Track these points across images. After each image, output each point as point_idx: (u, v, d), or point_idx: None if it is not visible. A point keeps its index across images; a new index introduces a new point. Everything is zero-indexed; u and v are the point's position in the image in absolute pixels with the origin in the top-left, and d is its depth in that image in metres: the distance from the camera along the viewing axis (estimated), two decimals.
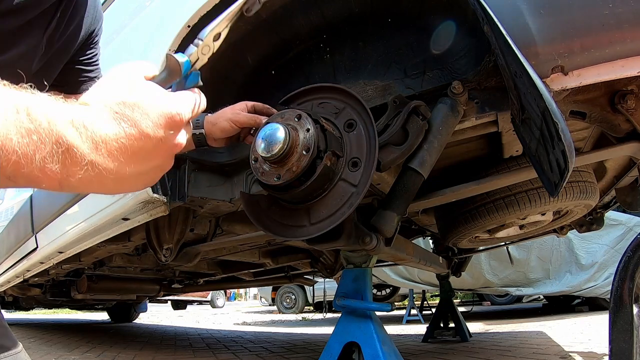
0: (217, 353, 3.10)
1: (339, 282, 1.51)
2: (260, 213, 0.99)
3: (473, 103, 1.02)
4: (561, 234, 2.32)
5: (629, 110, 1.05)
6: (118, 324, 6.52)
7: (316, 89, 1.00)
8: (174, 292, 4.16)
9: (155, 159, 0.47)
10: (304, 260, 2.90)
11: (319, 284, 5.19)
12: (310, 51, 1.24)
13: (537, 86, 0.70)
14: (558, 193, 0.88)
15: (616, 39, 0.75)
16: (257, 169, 0.92)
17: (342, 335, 1.30)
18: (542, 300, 6.82)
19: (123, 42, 1.50)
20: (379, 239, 1.05)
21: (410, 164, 0.99)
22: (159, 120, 0.46)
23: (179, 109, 0.48)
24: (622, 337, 0.75)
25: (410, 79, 1.11)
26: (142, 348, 3.41)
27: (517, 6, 0.79)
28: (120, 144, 0.42)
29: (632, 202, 1.90)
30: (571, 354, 2.38)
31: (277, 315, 9.31)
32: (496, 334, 3.68)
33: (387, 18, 1.14)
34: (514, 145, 1.33)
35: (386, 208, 1.02)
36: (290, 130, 0.87)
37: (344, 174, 0.90)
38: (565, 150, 0.72)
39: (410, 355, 2.62)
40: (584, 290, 4.84)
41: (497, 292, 5.64)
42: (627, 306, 0.75)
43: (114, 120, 0.43)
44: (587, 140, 1.44)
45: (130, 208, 1.29)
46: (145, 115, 0.45)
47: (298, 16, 1.17)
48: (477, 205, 1.64)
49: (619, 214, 4.67)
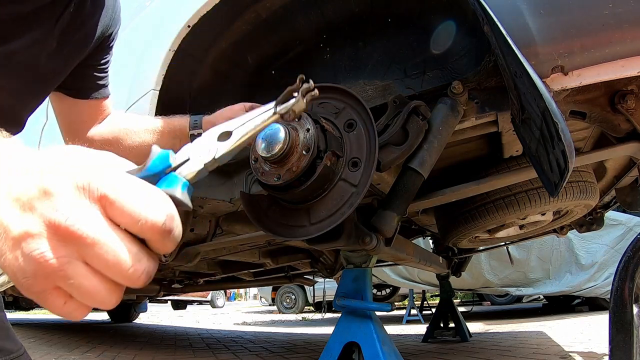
0: (217, 353, 3.10)
1: (339, 282, 1.51)
2: (260, 213, 0.99)
3: (473, 103, 1.02)
4: (561, 234, 2.32)
5: (629, 110, 1.05)
6: (118, 324, 6.52)
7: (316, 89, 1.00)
8: (174, 292, 4.15)
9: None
10: (304, 260, 2.89)
11: (319, 284, 5.18)
12: (310, 51, 1.24)
13: (537, 86, 0.70)
14: (558, 193, 0.88)
15: (616, 39, 0.75)
16: (257, 169, 0.92)
17: (342, 335, 1.30)
18: (542, 300, 6.82)
19: (123, 43, 1.49)
20: (379, 239, 1.05)
21: (410, 164, 0.99)
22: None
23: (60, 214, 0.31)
24: (622, 337, 0.75)
25: (410, 79, 1.11)
26: (142, 348, 3.41)
27: (517, 6, 0.79)
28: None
29: (632, 202, 1.90)
30: (571, 354, 2.38)
31: (277, 315, 9.31)
32: (496, 334, 3.68)
33: (387, 18, 1.14)
34: (514, 145, 1.33)
35: (386, 208, 1.02)
36: (290, 130, 0.87)
37: (344, 174, 0.90)
38: (565, 150, 0.72)
39: (410, 355, 2.62)
40: (584, 290, 4.84)
41: (497, 292, 5.64)
42: (627, 306, 0.75)
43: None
44: (587, 140, 1.44)
45: None
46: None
47: (298, 16, 1.17)
48: (477, 205, 1.64)
49: (619, 214, 4.66)
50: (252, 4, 1.12)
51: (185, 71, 1.22)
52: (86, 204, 0.31)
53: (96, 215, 0.31)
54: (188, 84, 1.26)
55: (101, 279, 0.31)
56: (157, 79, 1.17)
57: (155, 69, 1.17)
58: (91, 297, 0.31)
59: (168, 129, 0.96)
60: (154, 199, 0.33)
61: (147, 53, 1.27)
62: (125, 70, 1.33)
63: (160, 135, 0.95)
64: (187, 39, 1.14)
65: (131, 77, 1.31)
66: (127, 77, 1.32)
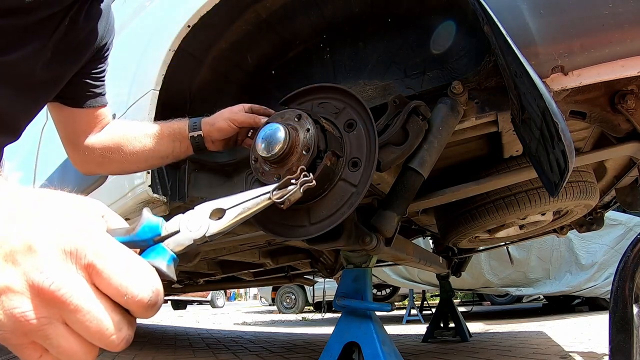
0: (217, 353, 3.10)
1: (339, 282, 1.51)
2: (260, 213, 0.99)
3: (473, 103, 1.02)
4: (561, 234, 2.32)
5: (629, 110, 1.05)
6: None
7: (316, 89, 1.00)
8: (174, 292, 4.16)
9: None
10: (304, 260, 2.90)
11: (319, 284, 5.18)
12: (310, 51, 1.24)
13: (537, 86, 0.70)
14: (558, 193, 0.88)
15: (616, 39, 0.75)
16: (257, 169, 0.92)
17: (342, 335, 1.30)
18: (542, 300, 6.82)
19: (123, 43, 1.49)
20: (379, 239, 1.05)
21: (410, 164, 0.99)
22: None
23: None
24: (622, 337, 0.75)
25: (410, 79, 1.11)
26: (142, 348, 3.41)
27: (517, 6, 0.79)
28: None
29: (632, 202, 1.90)
30: (571, 354, 2.38)
31: (277, 315, 9.31)
32: (496, 334, 3.68)
33: (387, 18, 1.14)
34: (514, 145, 1.33)
35: (386, 208, 1.02)
36: (290, 130, 0.87)
37: (344, 174, 0.90)
38: (565, 150, 0.72)
39: (410, 355, 2.62)
40: (584, 290, 4.84)
41: (497, 292, 5.64)
42: (627, 306, 0.75)
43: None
44: (587, 140, 1.44)
45: (130, 208, 1.29)
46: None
47: (298, 16, 1.17)
48: (477, 205, 1.64)
49: (619, 214, 4.67)
50: (252, 4, 1.12)
51: (185, 71, 1.22)
52: (72, 269, 0.31)
53: (81, 283, 0.31)
54: (188, 84, 1.26)
55: (80, 340, 0.31)
56: (157, 79, 1.17)
57: (155, 69, 1.17)
58: (68, 356, 0.31)
59: (167, 133, 0.97)
60: (141, 274, 0.33)
61: (147, 53, 1.27)
62: (126, 70, 1.33)
63: (160, 139, 0.96)
64: (187, 39, 1.14)
65: (131, 77, 1.31)
66: (127, 77, 1.32)
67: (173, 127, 0.98)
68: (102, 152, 0.95)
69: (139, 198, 1.23)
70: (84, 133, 0.94)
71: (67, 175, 1.68)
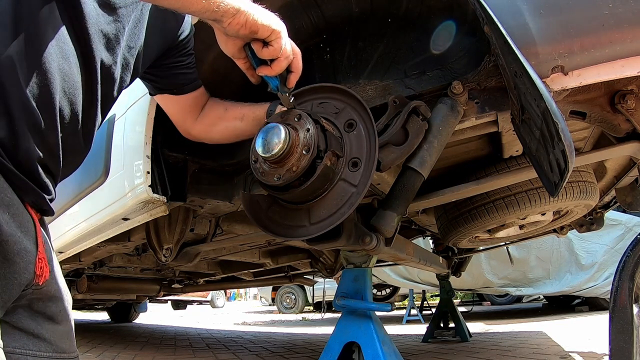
0: (217, 353, 3.10)
1: (339, 282, 1.51)
2: (260, 213, 0.99)
3: (473, 103, 1.02)
4: (561, 234, 2.32)
5: (629, 110, 1.05)
6: (118, 324, 6.52)
7: (316, 89, 1.00)
8: (174, 292, 4.16)
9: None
10: (304, 260, 2.90)
11: (318, 284, 5.19)
12: (310, 51, 1.24)
13: (537, 86, 0.70)
14: (558, 193, 0.88)
15: (616, 39, 0.75)
16: (257, 169, 0.92)
17: (342, 335, 1.31)
18: (542, 300, 6.82)
19: None
20: (379, 239, 1.05)
21: (410, 164, 0.99)
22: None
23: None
24: (622, 337, 0.75)
25: (410, 79, 1.11)
26: (142, 348, 3.42)
27: (517, 6, 0.79)
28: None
29: (632, 202, 1.90)
30: (571, 354, 2.38)
31: (277, 315, 9.31)
32: (496, 334, 3.68)
33: (387, 18, 1.14)
34: (514, 145, 1.33)
35: (386, 208, 1.02)
36: (291, 130, 0.87)
37: (344, 174, 0.90)
38: (565, 150, 0.72)
39: (410, 355, 2.62)
40: (584, 290, 4.84)
41: (497, 292, 5.64)
42: (627, 306, 0.75)
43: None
44: (587, 140, 1.45)
45: (130, 208, 1.29)
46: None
47: (298, 16, 1.17)
48: (477, 205, 1.64)
49: (619, 214, 4.67)
50: None
51: None
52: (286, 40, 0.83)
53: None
54: None
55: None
56: None
57: None
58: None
59: (252, 117, 1.09)
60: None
61: None
62: None
63: (246, 121, 1.10)
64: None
65: None
66: None
67: (256, 113, 1.09)
68: (202, 128, 1.12)
69: (139, 198, 1.23)
70: (193, 112, 1.10)
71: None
